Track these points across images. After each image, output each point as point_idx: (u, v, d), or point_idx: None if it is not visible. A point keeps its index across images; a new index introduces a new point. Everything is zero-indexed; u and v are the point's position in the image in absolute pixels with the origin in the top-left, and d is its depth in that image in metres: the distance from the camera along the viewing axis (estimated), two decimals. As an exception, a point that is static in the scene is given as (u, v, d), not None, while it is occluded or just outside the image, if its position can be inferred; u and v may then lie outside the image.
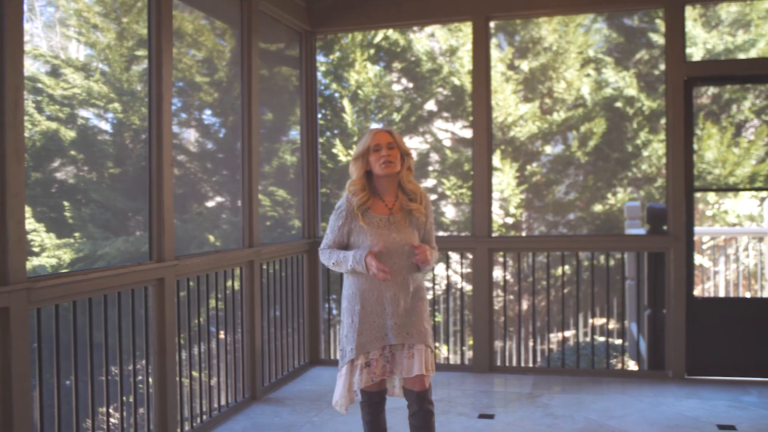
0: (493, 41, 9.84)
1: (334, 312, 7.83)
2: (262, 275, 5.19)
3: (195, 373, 4.76)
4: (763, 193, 10.23)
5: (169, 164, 4.05)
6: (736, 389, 5.11)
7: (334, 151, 9.50)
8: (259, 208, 5.24)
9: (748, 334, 5.36)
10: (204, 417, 4.48)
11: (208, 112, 7.66)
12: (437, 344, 7.58)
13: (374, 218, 3.20)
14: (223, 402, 4.73)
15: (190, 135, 7.74)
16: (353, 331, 3.19)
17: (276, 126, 6.33)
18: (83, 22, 6.88)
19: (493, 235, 8.12)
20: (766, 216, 8.55)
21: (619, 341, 7.54)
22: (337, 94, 9.77)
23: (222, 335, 4.90)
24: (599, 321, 8.87)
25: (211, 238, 7.20)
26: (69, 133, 6.56)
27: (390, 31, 9.53)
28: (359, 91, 9.53)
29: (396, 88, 10.12)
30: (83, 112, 6.85)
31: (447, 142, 10.14)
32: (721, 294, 8.78)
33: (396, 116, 9.56)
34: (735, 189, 9.91)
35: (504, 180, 9.04)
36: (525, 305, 9.10)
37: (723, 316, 5.43)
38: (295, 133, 6.23)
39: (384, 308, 3.18)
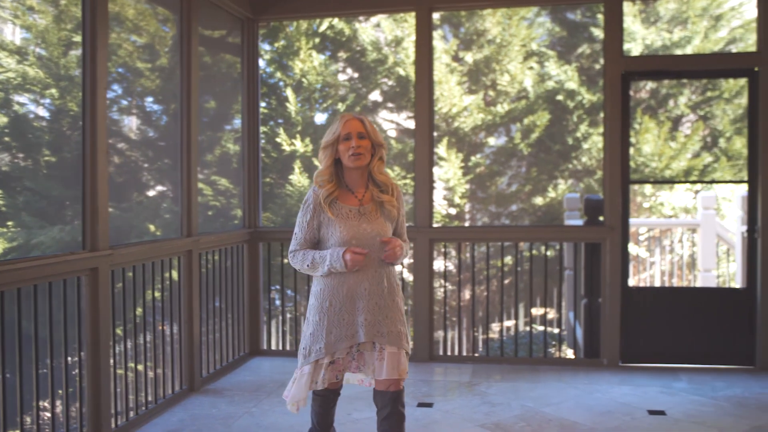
0: (439, 33, 9.89)
1: (277, 303, 7.79)
2: (202, 265, 5.12)
3: (133, 365, 4.69)
4: (698, 186, 10.54)
5: (104, 152, 3.96)
6: (667, 376, 5.26)
7: (278, 140, 9.42)
8: (198, 197, 5.16)
9: (680, 322, 5.52)
10: (140, 409, 4.41)
11: (149, 99, 7.51)
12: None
13: (343, 209, 3.04)
14: (160, 394, 4.66)
15: (132, 122, 7.58)
16: (322, 329, 3.01)
17: (219, 114, 6.24)
18: (19, 4, 6.66)
19: (436, 225, 8.18)
20: (700, 208, 8.80)
21: (558, 330, 7.68)
22: (281, 83, 9.69)
23: (162, 326, 4.83)
24: (540, 311, 9.03)
25: (152, 227, 7.07)
26: (2, 119, 6.35)
27: (335, 20, 9.49)
28: (304, 80, 9.47)
29: (341, 77, 10.08)
30: (18, 98, 6.64)
31: (392, 133, 10.16)
32: (657, 284, 9.02)
33: (341, 106, 9.53)
34: (669, 181, 10.17)
35: (450, 170, 9.10)
36: (467, 295, 9.19)
37: (656, 305, 5.58)
38: (238, 122, 6.15)
39: (355, 303, 3.01)
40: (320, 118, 9.82)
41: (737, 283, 8.41)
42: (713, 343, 5.50)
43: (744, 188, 5.55)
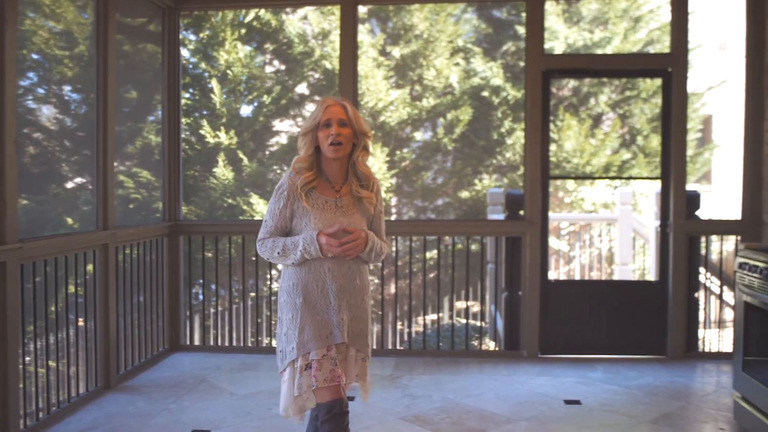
0: (366, 27, 9.88)
1: (201, 297, 7.66)
2: (122, 259, 4.99)
3: (47, 363, 4.53)
4: (616, 182, 10.86)
5: (12, 141, 3.80)
6: (584, 366, 5.40)
7: (202, 132, 9.26)
8: (119, 189, 5.02)
9: (597, 314, 5.68)
10: (51, 409, 4.27)
11: (68, 87, 7.26)
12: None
13: (320, 199, 2.84)
14: (74, 393, 4.51)
15: (49, 112, 7.32)
16: (294, 327, 2.80)
17: (141, 105, 6.08)
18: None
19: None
20: (618, 204, 9.07)
21: (481, 323, 7.80)
22: (206, 74, 9.52)
23: (81, 322, 4.69)
24: (465, 304, 9.15)
25: (70, 220, 6.84)
26: None
27: (262, 12, 9.37)
28: (229, 72, 9.33)
29: (267, 69, 9.98)
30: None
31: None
32: (578, 277, 9.26)
33: (266, 98, 9.43)
34: (588, 177, 10.44)
35: (375, 164, 9.12)
36: (392, 289, 9.24)
37: (574, 298, 5.73)
38: (161, 113, 6.01)
39: (329, 302, 2.81)
40: (246, 110, 9.70)
41: (652, 277, 8.71)
42: (628, 334, 5.67)
43: (658, 184, 5.74)
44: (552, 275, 9.43)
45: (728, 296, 7.64)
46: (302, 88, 9.81)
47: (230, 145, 9.23)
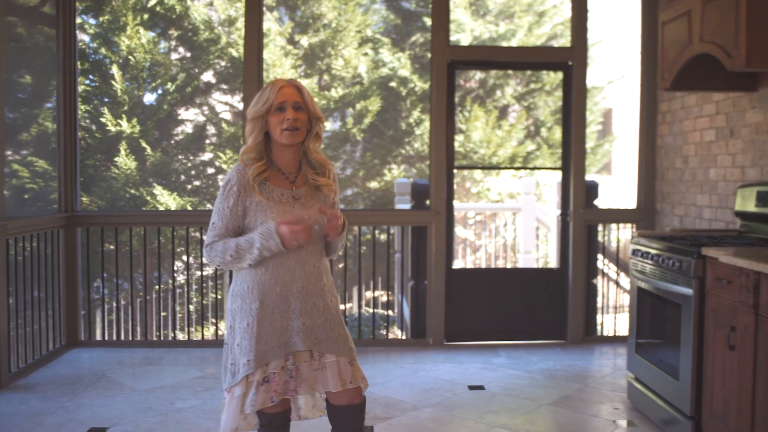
0: (274, 15, 9.76)
1: (105, 291, 7.41)
2: (13, 253, 4.75)
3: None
4: (521, 172, 11.12)
5: None
6: (488, 353, 5.51)
7: (103, 120, 8.93)
8: (13, 179, 4.77)
9: (501, 301, 5.80)
10: (-64, 410, 4.04)
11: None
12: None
13: (275, 192, 2.54)
14: (-39, 392, 4.28)
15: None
16: (249, 337, 2.48)
17: (36, 91, 5.81)
18: None
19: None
20: (522, 193, 9.30)
21: (390, 312, 7.85)
22: (107, 60, 9.19)
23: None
24: (373, 294, 9.19)
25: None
26: None
27: (165, -4, 9.11)
28: (131, 58, 9.03)
29: (172, 56, 9.71)
30: None
31: (226, 115, 9.93)
32: (484, 266, 9.44)
33: (171, 86, 9.18)
34: (493, 167, 10.66)
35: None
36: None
37: (479, 285, 5.83)
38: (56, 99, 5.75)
39: (289, 305, 2.52)
40: (149, 98, 9.42)
41: (554, 264, 8.98)
42: (530, 320, 5.83)
43: (560, 175, 5.91)
44: (459, 264, 9.60)
45: (625, 282, 7.96)
46: (208, 76, 9.60)
47: (133, 134, 8.95)
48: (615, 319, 6.39)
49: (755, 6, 3.41)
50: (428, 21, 10.03)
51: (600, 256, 6.21)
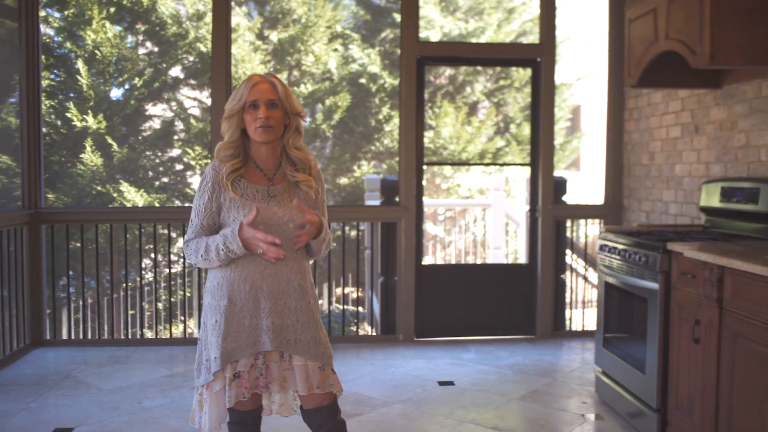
0: (243, 10, 9.68)
1: (71, 290, 7.30)
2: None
3: None
4: (491, 168, 11.17)
5: None
6: (457, 348, 5.53)
7: (69, 115, 8.79)
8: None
9: (470, 297, 5.82)
10: None
11: None
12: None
13: (249, 189, 2.50)
14: None
15: None
16: (217, 334, 2.46)
17: (-1, 85, 5.69)
18: None
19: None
20: (492, 189, 9.34)
21: (360, 309, 7.85)
22: (72, 54, 9.04)
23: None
24: (346, 290, 9.18)
25: None
26: None
27: (131, -10, 8.99)
28: (97, 52, 8.89)
29: (139, 51, 9.58)
30: None
31: (195, 111, 9.83)
32: (454, 261, 9.47)
33: (138, 81, 9.06)
34: (463, 163, 10.69)
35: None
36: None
37: (448, 281, 5.85)
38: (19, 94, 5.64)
39: (259, 304, 2.47)
40: (116, 93, 9.29)
41: (523, 260, 9.04)
42: (500, 316, 5.86)
43: (528, 171, 5.95)
44: (429, 260, 9.62)
45: (593, 277, 8.04)
46: (176, 71, 9.49)
47: (99, 130, 8.82)
48: (583, 313, 6.45)
49: (719, 4, 3.45)
50: (398, 17, 10.02)
51: (568, 252, 6.26)
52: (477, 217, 9.60)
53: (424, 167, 5.91)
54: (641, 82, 4.34)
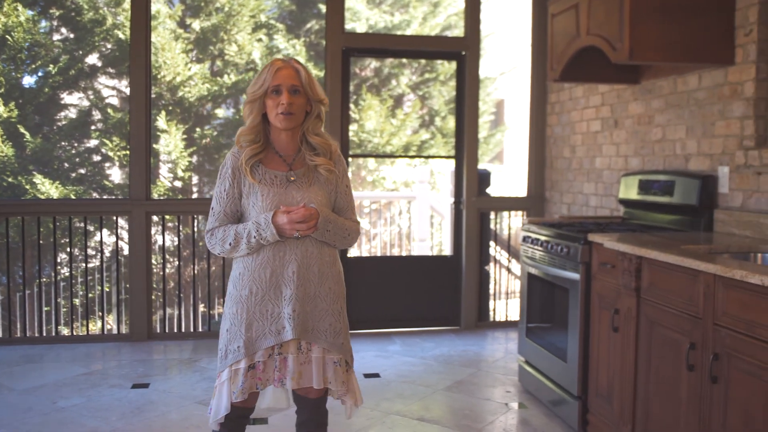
0: (164, -4, 9.40)
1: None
2: None
3: None
4: (416, 161, 11.23)
5: None
6: (383, 340, 5.54)
7: (-22, 103, 8.36)
8: None
9: (396, 289, 5.83)
10: None
11: None
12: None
13: (268, 174, 2.46)
14: None
15: None
16: (240, 323, 2.42)
17: None
18: None
19: (158, 197, 7.83)
20: (417, 182, 9.38)
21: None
22: (-20, 39, 8.60)
23: None
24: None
25: None
26: None
27: (45, -27, 8.61)
28: (8, 37, 8.48)
29: (54, 37, 9.19)
30: None
31: (113, 101, 9.50)
32: (379, 254, 9.48)
33: (52, 68, 8.70)
34: (388, 156, 10.71)
35: (171, 142, 8.73)
36: (197, 270, 8.96)
37: (374, 274, 5.84)
38: None
39: (281, 291, 2.43)
40: (28, 80, 8.90)
41: (448, 252, 9.12)
42: (425, 307, 5.89)
43: (453, 163, 5.99)
44: (355, 252, 9.59)
45: (516, 268, 8.18)
46: (93, 59, 9.14)
47: (10, 119, 8.42)
48: (507, 304, 6.55)
49: (638, 2, 3.54)
50: (323, 8, 9.93)
51: (492, 243, 6.34)
52: (402, 209, 9.62)
53: (350, 159, 5.87)
54: (563, 77, 4.42)
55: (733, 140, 3.57)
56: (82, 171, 9.05)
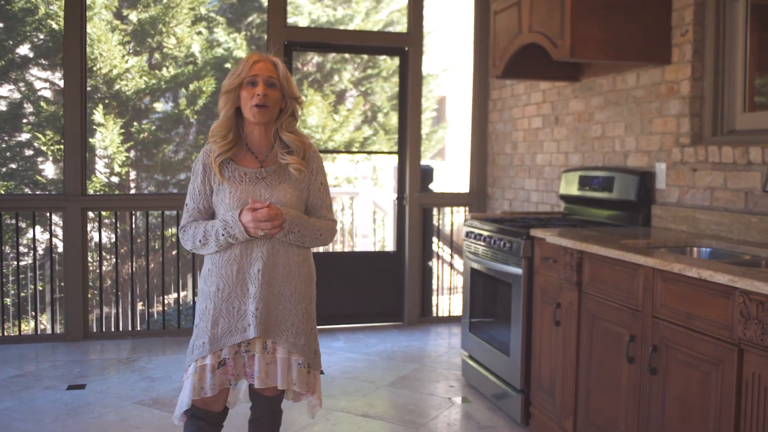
0: (99, -14, 9.14)
1: None
2: None
3: None
4: (358, 157, 11.21)
5: None
6: (327, 337, 5.50)
7: None
8: None
9: (339, 285, 5.81)
10: None
11: None
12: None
13: (238, 171, 2.42)
14: None
15: None
16: (207, 319, 2.38)
17: None
18: None
19: (94, 193, 7.62)
20: (360, 178, 9.36)
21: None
22: None
23: None
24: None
25: None
26: None
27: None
28: (-68, 26, 8.14)
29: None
30: None
31: (46, 93, 9.21)
32: (321, 250, 9.43)
33: (-20, 58, 8.38)
34: (330, 151, 10.66)
35: (108, 137, 8.50)
36: (135, 267, 8.75)
37: (317, 270, 5.78)
38: None
39: (246, 288, 2.39)
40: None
41: (391, 248, 9.13)
42: (369, 303, 5.88)
43: (396, 160, 5.99)
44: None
45: (459, 264, 8.24)
46: (24, 50, 8.84)
47: (-65, 111, 8.08)
48: (450, 300, 6.59)
49: (579, 0, 3.59)
50: (265, 1, 9.82)
51: (435, 239, 6.37)
52: (345, 205, 9.59)
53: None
54: (505, 74, 4.45)
55: (669, 137, 3.65)
56: (14, 166, 8.75)
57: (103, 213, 6.00)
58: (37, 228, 7.47)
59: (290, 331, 2.43)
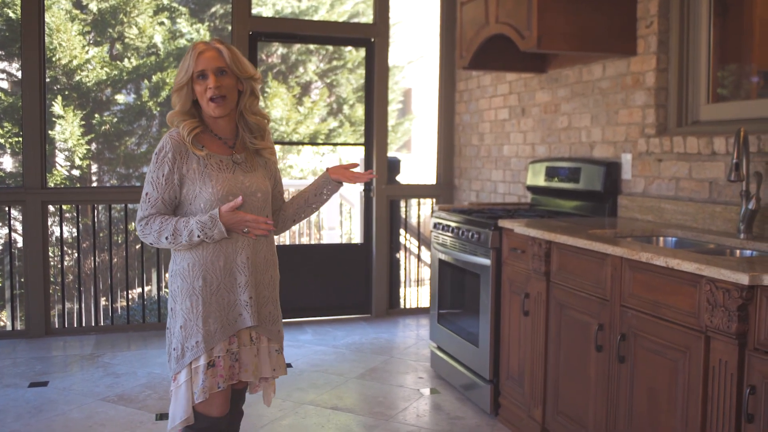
0: (58, -25, 8.94)
1: None
2: None
3: None
4: (324, 149, 11.16)
5: None
6: (295, 330, 5.47)
7: None
8: None
9: (306, 278, 5.77)
10: None
11: None
12: None
13: (213, 158, 2.31)
14: None
15: None
16: (196, 316, 2.27)
17: None
18: None
19: (54, 186, 7.47)
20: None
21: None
22: None
23: None
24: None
25: None
26: None
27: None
28: None
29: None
30: None
31: (4, 84, 9.00)
32: (288, 243, 9.37)
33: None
34: (295, 143, 10.60)
35: (68, 129, 8.34)
36: (98, 262, 8.60)
37: (284, 263, 5.70)
38: None
39: (235, 278, 2.31)
40: None
41: (358, 240, 9.11)
42: (336, 296, 5.86)
43: (363, 151, 5.97)
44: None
45: (426, 256, 8.24)
46: (-20, 40, 8.62)
47: None
48: (417, 291, 6.59)
49: (545, -10, 3.60)
50: (228, -8, 9.71)
51: (402, 231, 6.36)
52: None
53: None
54: (472, 65, 4.45)
55: (635, 128, 3.69)
56: (-30, 159, 8.55)
57: (64, 207, 5.88)
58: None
59: (268, 319, 2.42)
